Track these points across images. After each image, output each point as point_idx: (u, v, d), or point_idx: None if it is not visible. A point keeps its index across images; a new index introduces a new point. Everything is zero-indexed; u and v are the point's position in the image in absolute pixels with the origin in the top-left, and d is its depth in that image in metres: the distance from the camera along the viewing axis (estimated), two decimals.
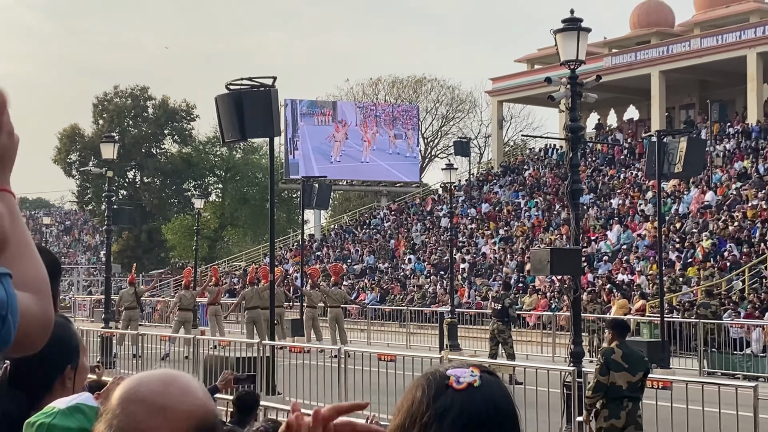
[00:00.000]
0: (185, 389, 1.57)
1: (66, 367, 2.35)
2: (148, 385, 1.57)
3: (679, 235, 29.67)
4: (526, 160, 47.35)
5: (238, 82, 14.39)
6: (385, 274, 38.58)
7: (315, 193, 30.77)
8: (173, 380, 1.59)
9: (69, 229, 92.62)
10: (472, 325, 27.34)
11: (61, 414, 1.98)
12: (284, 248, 48.06)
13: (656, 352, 19.11)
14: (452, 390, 1.61)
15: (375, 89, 64.10)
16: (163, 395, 1.55)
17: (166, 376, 1.60)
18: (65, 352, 2.37)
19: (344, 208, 60.59)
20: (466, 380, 1.62)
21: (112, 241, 28.45)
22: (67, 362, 2.36)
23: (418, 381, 1.67)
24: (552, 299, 27.81)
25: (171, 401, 1.55)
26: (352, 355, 14.42)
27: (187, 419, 1.54)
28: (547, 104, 41.72)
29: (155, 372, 1.63)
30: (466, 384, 1.61)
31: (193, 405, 1.56)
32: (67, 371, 2.35)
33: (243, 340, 18.69)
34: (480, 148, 63.81)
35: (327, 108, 51.61)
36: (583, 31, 15.10)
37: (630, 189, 35.57)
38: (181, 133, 61.43)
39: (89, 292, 53.58)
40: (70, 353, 2.38)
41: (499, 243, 36.20)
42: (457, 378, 1.62)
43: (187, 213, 56.22)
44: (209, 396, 1.63)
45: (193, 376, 1.68)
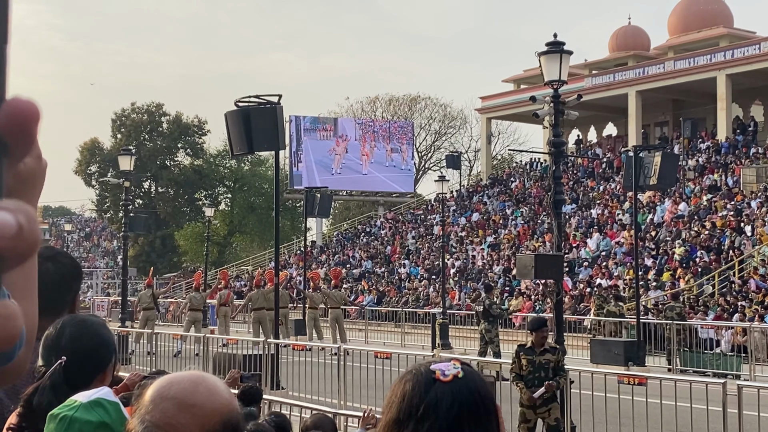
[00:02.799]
0: (212, 389, 1.61)
1: (107, 364, 2.38)
2: (179, 384, 1.61)
3: (654, 242, 29.69)
4: (513, 172, 47.37)
5: (246, 100, 14.41)
6: (382, 277, 38.54)
7: (317, 203, 30.74)
8: (202, 381, 1.63)
9: (89, 235, 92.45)
10: (463, 326, 27.31)
11: (82, 407, 1.98)
12: (288, 253, 48.00)
13: (633, 350, 19.13)
14: (440, 383, 1.63)
15: (373, 107, 64.18)
16: (192, 394, 1.59)
17: (195, 377, 1.64)
18: (110, 352, 2.40)
19: (344, 217, 60.55)
20: (452, 372, 1.64)
21: (128, 246, 28.44)
22: (108, 360, 2.38)
23: (404, 377, 1.68)
24: (536, 301, 27.80)
25: (199, 400, 1.58)
26: (351, 353, 14.41)
27: (213, 416, 1.58)
28: (532, 121, 41.77)
29: (185, 373, 1.67)
30: (452, 376, 1.63)
31: (220, 404, 1.60)
32: (107, 368, 2.38)
33: (250, 339, 18.67)
34: (470, 161, 63.87)
35: (328, 124, 51.60)
36: (565, 53, 15.15)
37: (609, 200, 35.58)
38: (193, 146, 61.39)
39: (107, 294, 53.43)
40: (111, 352, 2.41)
41: (488, 249, 36.19)
42: (443, 371, 1.64)
43: (199, 220, 56.14)
44: (233, 396, 1.66)
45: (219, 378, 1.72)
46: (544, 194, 36.78)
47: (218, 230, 56.75)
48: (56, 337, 2.34)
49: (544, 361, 9.78)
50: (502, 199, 42.40)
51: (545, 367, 9.78)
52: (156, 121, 60.64)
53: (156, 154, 59.75)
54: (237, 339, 18.27)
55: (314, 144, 49.79)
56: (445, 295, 28.37)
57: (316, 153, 49.69)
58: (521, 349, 10.01)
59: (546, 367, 9.78)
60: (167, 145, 60.46)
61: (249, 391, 7.51)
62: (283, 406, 9.41)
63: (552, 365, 9.80)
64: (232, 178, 59.86)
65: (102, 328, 2.45)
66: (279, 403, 9.71)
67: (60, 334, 2.34)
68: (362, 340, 27.51)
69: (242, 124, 13.90)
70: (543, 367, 9.78)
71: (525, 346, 10.04)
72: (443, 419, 1.60)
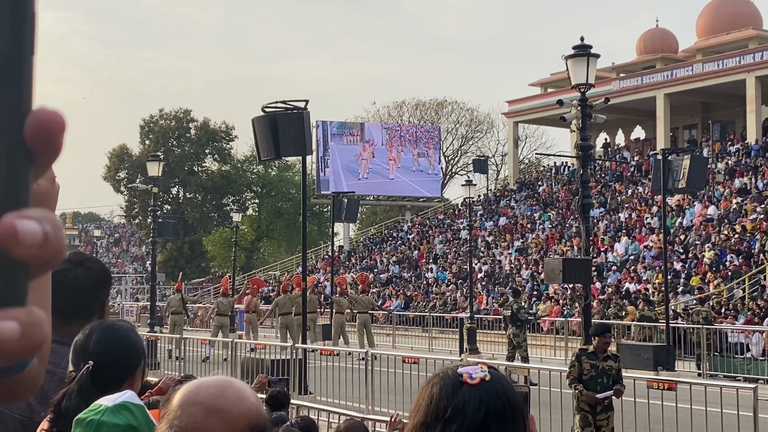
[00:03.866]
0: (240, 394, 1.62)
1: (136, 369, 2.39)
2: (207, 389, 1.61)
3: (683, 246, 29.43)
4: (540, 176, 47.18)
5: (274, 105, 14.46)
6: (409, 282, 38.51)
7: (344, 208, 30.81)
8: (229, 386, 1.63)
9: (118, 240, 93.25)
10: (490, 330, 27.22)
11: (108, 411, 1.99)
12: (316, 258, 48.10)
13: (662, 355, 18.96)
14: (467, 386, 1.63)
15: (399, 111, 64.21)
16: (220, 399, 1.59)
17: (222, 381, 1.65)
18: (138, 356, 2.41)
19: (371, 222, 60.59)
20: (479, 375, 1.64)
21: (157, 251, 28.66)
22: (137, 365, 2.39)
23: (431, 380, 1.69)
24: (564, 306, 27.64)
25: (227, 405, 1.59)
26: (379, 357, 14.41)
27: (241, 421, 1.58)
28: (560, 125, 41.55)
29: (212, 378, 1.68)
30: (479, 379, 1.64)
31: (247, 408, 1.60)
32: (136, 373, 2.39)
33: (277, 344, 18.72)
34: (497, 165, 63.71)
35: (355, 129, 51.70)
36: (592, 57, 15.07)
37: (637, 203, 35.33)
38: (220, 152, 61.73)
39: (136, 299, 53.87)
40: (140, 356, 2.42)
41: (515, 253, 36.06)
42: (470, 374, 1.65)
43: (226, 226, 56.42)
44: (260, 401, 1.66)
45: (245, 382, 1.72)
46: (572, 198, 36.59)
47: (246, 236, 57.00)
48: (84, 342, 2.36)
49: (606, 367, 9.54)
50: (529, 203, 42.24)
51: (608, 373, 9.55)
52: (184, 127, 61.06)
53: (184, 160, 60.15)
54: (265, 344, 18.33)
55: (341, 149, 49.90)
56: (473, 299, 28.30)
57: (343, 158, 49.79)
58: (583, 353, 9.74)
59: (608, 373, 9.55)
60: (195, 151, 60.85)
61: (277, 396, 7.53)
62: (310, 410, 9.43)
63: (613, 373, 9.58)
64: (259, 184, 60.12)
65: (130, 333, 2.46)
66: (306, 408, 9.72)
67: (88, 339, 2.36)
68: (390, 344, 27.50)
69: (269, 129, 13.96)
70: (606, 373, 9.54)
71: (587, 351, 9.77)
72: (470, 422, 1.60)
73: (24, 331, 0.49)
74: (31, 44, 0.50)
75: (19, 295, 0.50)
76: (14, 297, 0.50)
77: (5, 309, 0.49)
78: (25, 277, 0.50)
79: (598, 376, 9.52)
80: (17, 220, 0.49)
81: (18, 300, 0.50)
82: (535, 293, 30.07)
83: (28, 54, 0.50)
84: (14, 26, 0.49)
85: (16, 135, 0.49)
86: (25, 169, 0.50)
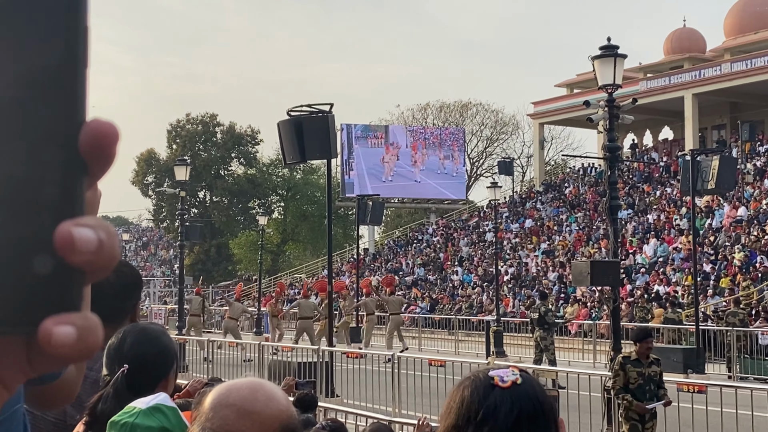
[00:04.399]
0: (271, 396, 1.63)
1: (170, 371, 2.41)
2: (238, 392, 1.63)
3: (712, 248, 29.17)
4: (567, 178, 46.94)
5: (298, 109, 14.52)
6: (435, 285, 38.47)
7: (369, 210, 30.84)
8: (260, 388, 1.65)
9: (146, 244, 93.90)
10: (517, 333, 27.10)
11: (142, 414, 2.01)
12: (341, 261, 48.18)
13: (692, 358, 18.80)
14: (499, 389, 1.63)
15: (424, 114, 64.15)
16: (251, 401, 1.61)
17: (253, 383, 1.66)
18: (171, 358, 2.43)
19: (396, 224, 60.58)
20: (510, 378, 1.65)
21: (184, 255, 28.82)
22: (170, 367, 2.42)
23: (462, 383, 1.69)
24: (592, 309, 27.48)
25: (258, 406, 1.60)
26: (405, 360, 14.40)
27: (272, 423, 1.60)
28: (586, 126, 41.25)
29: (244, 380, 1.69)
30: (511, 382, 1.64)
31: (278, 410, 1.62)
32: (169, 375, 2.41)
33: (305, 347, 18.76)
34: (522, 167, 63.46)
35: (379, 131, 51.74)
36: (619, 57, 14.99)
37: (666, 205, 35.07)
38: (246, 156, 62.02)
39: (164, 302, 54.22)
40: (173, 359, 2.44)
41: (542, 256, 35.90)
42: (501, 377, 1.65)
43: (252, 229, 56.66)
44: (290, 402, 1.67)
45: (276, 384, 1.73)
46: (599, 199, 36.39)
47: (272, 239, 57.21)
48: (118, 346, 2.38)
49: (652, 373, 9.31)
50: (555, 205, 42.04)
51: (653, 379, 9.33)
52: (210, 132, 61.41)
53: (210, 164, 60.48)
54: (292, 347, 18.38)
55: (365, 152, 49.96)
56: (499, 302, 28.21)
57: (368, 161, 49.84)
58: (627, 361, 9.42)
59: (654, 379, 9.33)
60: (221, 155, 61.17)
61: (304, 399, 7.56)
62: (337, 413, 9.44)
63: (657, 377, 9.37)
64: (284, 187, 60.31)
65: (163, 336, 2.49)
66: (334, 411, 9.74)
67: (122, 343, 2.39)
68: (416, 347, 27.46)
69: (295, 133, 14.01)
70: (652, 380, 9.31)
71: (630, 358, 9.45)
72: (502, 425, 1.60)
73: (80, 335, 0.50)
74: (85, 57, 0.52)
75: (75, 300, 0.52)
76: (70, 302, 0.51)
77: (62, 314, 0.51)
78: (81, 283, 0.52)
79: (645, 384, 9.25)
80: (73, 228, 0.51)
81: (74, 305, 0.51)
82: (562, 296, 29.92)
83: (82, 67, 0.52)
84: (68, 40, 0.51)
85: (71, 145, 0.51)
86: (80, 178, 0.52)
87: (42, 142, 0.51)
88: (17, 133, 0.51)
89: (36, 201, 0.51)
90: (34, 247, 0.51)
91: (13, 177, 0.51)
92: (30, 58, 0.51)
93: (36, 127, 0.51)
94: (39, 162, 0.51)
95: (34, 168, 0.51)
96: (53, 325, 0.50)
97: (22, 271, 0.50)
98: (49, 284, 0.51)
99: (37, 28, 0.51)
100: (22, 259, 0.50)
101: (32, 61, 0.51)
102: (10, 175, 0.51)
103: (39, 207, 0.51)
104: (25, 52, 0.51)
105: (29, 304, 0.51)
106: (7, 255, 0.50)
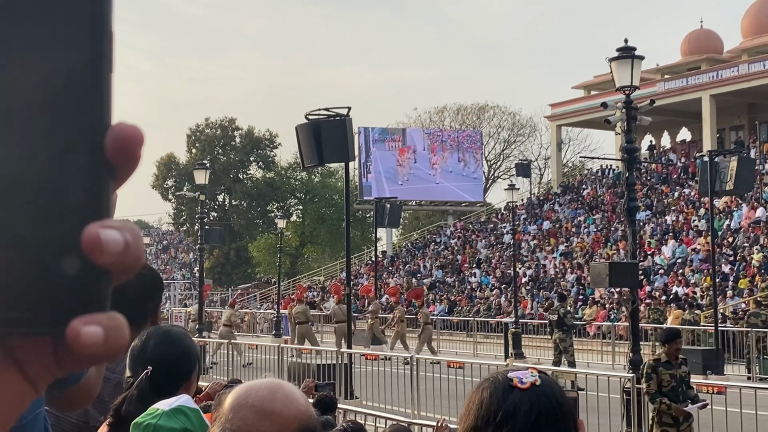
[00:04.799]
0: (290, 396, 1.64)
1: (192, 373, 2.43)
2: (257, 392, 1.63)
3: (731, 249, 28.98)
4: (584, 179, 46.77)
5: (316, 113, 14.55)
6: (453, 287, 38.41)
7: (387, 213, 30.86)
8: (279, 388, 1.65)
9: (166, 248, 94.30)
10: (535, 335, 27.02)
11: (165, 415, 2.02)
12: (359, 264, 48.20)
13: (711, 359, 18.68)
14: (518, 390, 1.63)
15: (441, 116, 64.09)
16: (270, 402, 1.61)
17: (272, 384, 1.67)
18: (194, 360, 2.45)
19: (414, 227, 60.55)
20: (529, 380, 1.65)
21: (204, 258, 28.93)
22: (193, 369, 2.44)
23: (481, 385, 1.69)
24: (611, 310, 27.35)
25: (278, 407, 1.61)
26: (424, 362, 14.39)
27: (292, 423, 1.60)
28: (604, 127, 41.06)
29: (263, 381, 1.70)
30: (530, 383, 1.64)
31: (297, 410, 1.62)
32: (192, 377, 2.43)
33: (326, 349, 18.78)
34: (540, 169, 63.26)
35: (397, 134, 51.75)
36: (636, 58, 14.92)
37: (684, 206, 34.88)
38: (265, 159, 62.19)
39: (184, 305, 54.46)
40: (195, 361, 2.46)
41: (560, 257, 35.78)
42: (520, 379, 1.65)
43: (271, 232, 56.81)
44: (309, 403, 1.68)
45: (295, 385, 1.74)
46: (618, 201, 36.24)
47: (290, 241, 57.32)
48: (142, 348, 2.40)
49: (683, 374, 9.14)
50: (573, 206, 41.89)
51: (684, 380, 9.16)
52: (229, 136, 61.62)
53: (229, 168, 60.70)
54: (311, 349, 18.42)
55: (383, 155, 49.98)
56: (518, 304, 28.13)
57: (385, 164, 49.85)
58: (658, 363, 9.21)
59: (685, 380, 9.17)
60: (240, 158, 61.37)
61: (324, 401, 7.57)
62: (357, 415, 9.45)
63: (687, 378, 9.22)
64: (303, 190, 60.44)
65: (185, 338, 2.50)
66: (353, 413, 9.75)
67: (145, 345, 2.40)
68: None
69: (312, 136, 14.05)
70: (683, 381, 9.14)
71: (661, 361, 9.24)
72: (521, 426, 1.60)
73: (107, 335, 0.51)
74: (110, 62, 0.53)
75: (102, 300, 0.53)
76: (97, 303, 0.52)
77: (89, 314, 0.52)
78: (107, 284, 0.53)
79: (678, 385, 9.08)
80: (100, 230, 0.51)
81: (101, 305, 0.52)
82: (580, 297, 29.81)
83: (107, 72, 0.53)
84: (93, 45, 0.52)
85: (98, 149, 0.53)
86: (106, 181, 0.53)
87: (69, 146, 0.52)
88: (45, 137, 0.52)
89: (64, 203, 0.52)
90: (61, 248, 0.51)
91: (41, 180, 0.52)
92: (56, 63, 0.52)
93: (63, 130, 0.52)
94: (66, 165, 0.52)
95: (61, 171, 0.52)
96: (81, 325, 0.51)
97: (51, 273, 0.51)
98: (76, 285, 0.52)
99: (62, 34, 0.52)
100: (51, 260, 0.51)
101: (58, 67, 0.52)
102: (39, 178, 0.52)
103: (67, 209, 0.52)
104: (52, 57, 0.52)
105: (57, 304, 0.51)
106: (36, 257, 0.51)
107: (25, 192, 0.51)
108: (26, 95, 0.51)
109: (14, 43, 0.51)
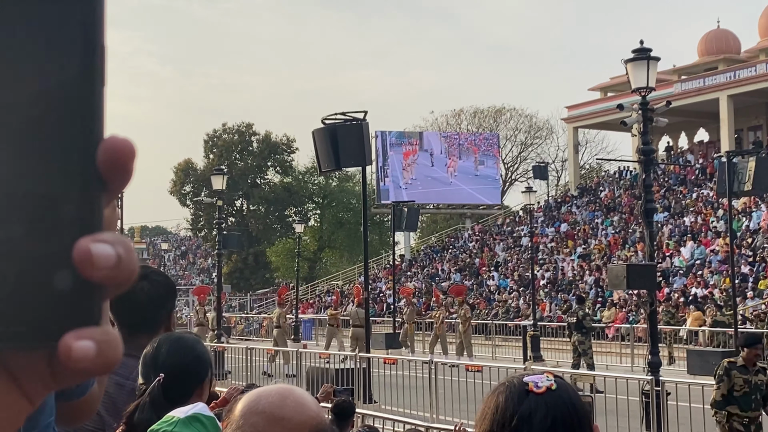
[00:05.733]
0: (300, 402, 1.62)
1: (204, 379, 2.42)
2: (267, 398, 1.62)
3: (750, 249, 28.76)
4: (602, 181, 46.58)
5: (333, 117, 14.56)
6: (471, 290, 38.34)
7: (404, 217, 30.83)
8: (290, 394, 1.64)
9: (184, 253, 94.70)
10: (554, 338, 26.92)
11: (181, 423, 2.01)
12: (377, 268, 48.20)
13: None
14: (533, 394, 1.62)
15: (458, 119, 64.04)
16: (281, 407, 1.60)
17: (283, 390, 1.66)
18: (206, 366, 2.44)
19: (431, 230, 60.50)
20: (545, 384, 1.63)
21: (222, 263, 29.01)
22: (204, 375, 2.43)
23: (497, 389, 1.68)
24: (629, 312, 27.20)
25: (288, 413, 1.59)
26: (442, 366, 14.36)
27: (302, 429, 1.59)
28: (620, 129, 40.96)
29: (273, 387, 1.68)
30: (545, 388, 1.62)
31: (308, 416, 1.61)
32: (204, 383, 2.42)
33: (344, 353, 18.78)
34: (557, 171, 63.07)
35: (414, 138, 51.73)
36: (652, 60, 14.84)
37: (702, 207, 34.65)
38: (282, 164, 62.32)
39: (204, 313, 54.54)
40: (207, 367, 2.45)
41: (578, 260, 35.64)
42: (536, 383, 1.63)
43: (289, 237, 56.90)
44: (321, 408, 1.66)
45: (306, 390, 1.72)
46: (635, 203, 36.05)
47: (308, 246, 57.40)
48: (154, 355, 2.40)
49: (759, 381, 8.80)
50: (591, 208, 41.73)
51: (760, 388, 8.80)
52: (246, 141, 61.80)
53: (247, 173, 60.87)
54: (329, 353, 18.42)
55: (400, 159, 49.98)
56: (536, 306, 28.04)
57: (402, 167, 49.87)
58: (733, 366, 8.88)
59: (760, 388, 8.80)
60: (257, 163, 61.53)
61: (342, 405, 7.56)
62: (375, 419, 9.44)
63: (764, 388, 8.84)
64: (320, 195, 60.53)
65: (198, 345, 2.50)
66: (371, 417, 9.73)
67: (157, 352, 2.40)
68: (452, 352, 27.36)
69: (329, 141, 14.05)
70: (758, 389, 8.78)
71: (737, 364, 8.90)
72: (536, 431, 1.59)
73: (99, 350, 0.51)
74: (101, 76, 0.53)
75: (95, 314, 0.52)
76: (90, 317, 0.52)
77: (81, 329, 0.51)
78: (100, 298, 0.52)
79: (751, 392, 8.74)
80: (92, 244, 0.51)
81: (93, 320, 0.52)
82: (599, 300, 29.67)
83: (99, 85, 0.53)
84: (84, 59, 0.52)
85: (89, 162, 0.52)
86: (98, 194, 0.53)
87: (61, 160, 0.52)
88: (37, 151, 0.52)
89: (55, 217, 0.52)
90: (54, 262, 0.51)
91: (32, 194, 0.52)
92: (48, 77, 0.52)
93: (55, 144, 0.52)
94: (58, 179, 0.52)
95: (53, 185, 0.52)
96: (73, 339, 0.50)
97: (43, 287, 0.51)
98: (69, 299, 0.51)
99: (54, 47, 0.52)
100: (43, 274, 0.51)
101: (50, 80, 0.52)
102: (30, 193, 0.52)
103: (58, 223, 0.52)
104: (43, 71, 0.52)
105: (50, 319, 0.51)
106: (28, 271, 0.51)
107: (17, 206, 0.51)
108: (18, 109, 0.51)
109: (5, 58, 0.51)
